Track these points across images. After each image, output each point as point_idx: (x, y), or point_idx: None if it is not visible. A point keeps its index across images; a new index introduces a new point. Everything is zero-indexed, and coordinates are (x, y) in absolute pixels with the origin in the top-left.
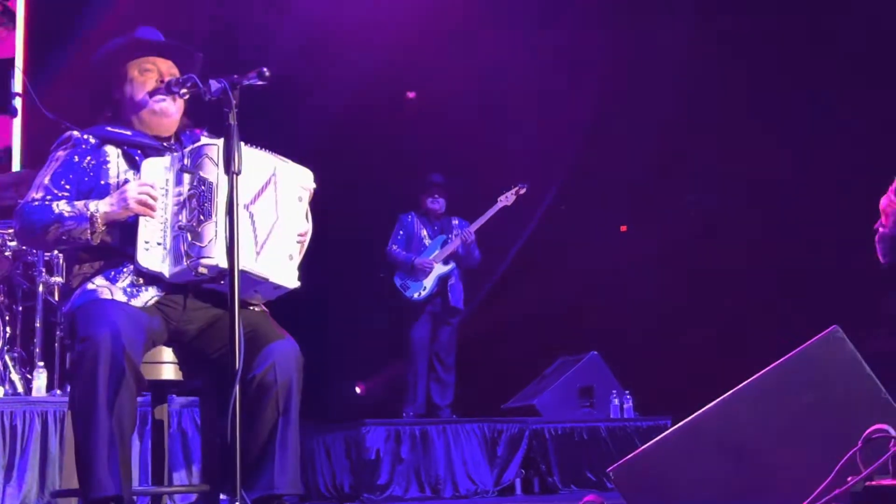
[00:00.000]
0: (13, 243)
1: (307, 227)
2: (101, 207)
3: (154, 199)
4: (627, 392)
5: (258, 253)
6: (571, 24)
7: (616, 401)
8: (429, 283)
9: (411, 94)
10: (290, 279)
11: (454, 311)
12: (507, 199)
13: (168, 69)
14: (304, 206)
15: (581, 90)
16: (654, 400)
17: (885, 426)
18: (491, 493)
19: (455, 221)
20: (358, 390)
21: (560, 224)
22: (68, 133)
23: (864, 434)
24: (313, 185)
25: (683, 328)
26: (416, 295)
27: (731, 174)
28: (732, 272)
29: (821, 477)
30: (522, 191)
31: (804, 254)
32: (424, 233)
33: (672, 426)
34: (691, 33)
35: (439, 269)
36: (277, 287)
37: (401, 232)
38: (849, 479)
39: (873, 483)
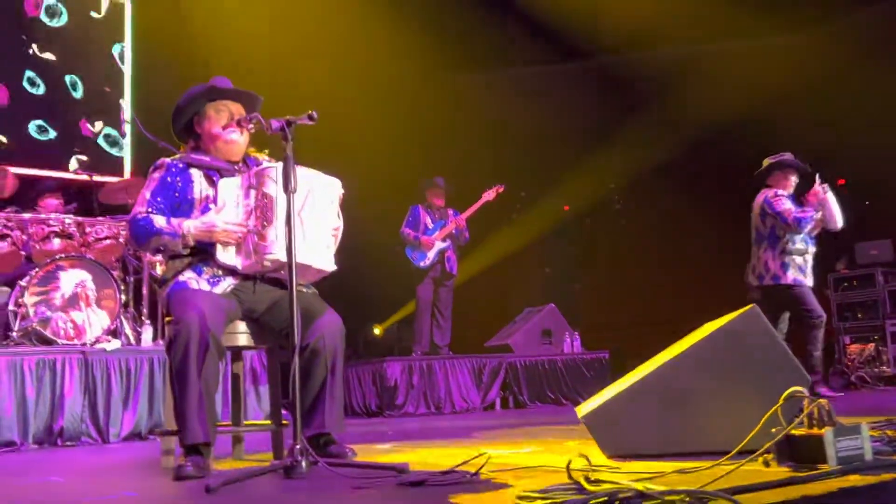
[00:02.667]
0: (125, 232)
1: (339, 223)
2: (191, 230)
3: (235, 239)
4: (577, 332)
5: (305, 247)
6: None
7: (568, 340)
8: (431, 254)
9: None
10: (328, 264)
11: (450, 275)
12: (488, 195)
13: (237, 109)
14: (335, 207)
15: None
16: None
17: (801, 388)
18: (478, 408)
19: (451, 211)
20: (377, 331)
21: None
22: (162, 160)
23: (785, 394)
24: (342, 191)
25: (618, 281)
26: (421, 264)
27: None
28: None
29: (747, 427)
30: (501, 189)
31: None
32: (428, 219)
33: (609, 358)
34: None
35: (438, 245)
36: (320, 271)
37: (410, 218)
38: (773, 430)
39: (792, 433)
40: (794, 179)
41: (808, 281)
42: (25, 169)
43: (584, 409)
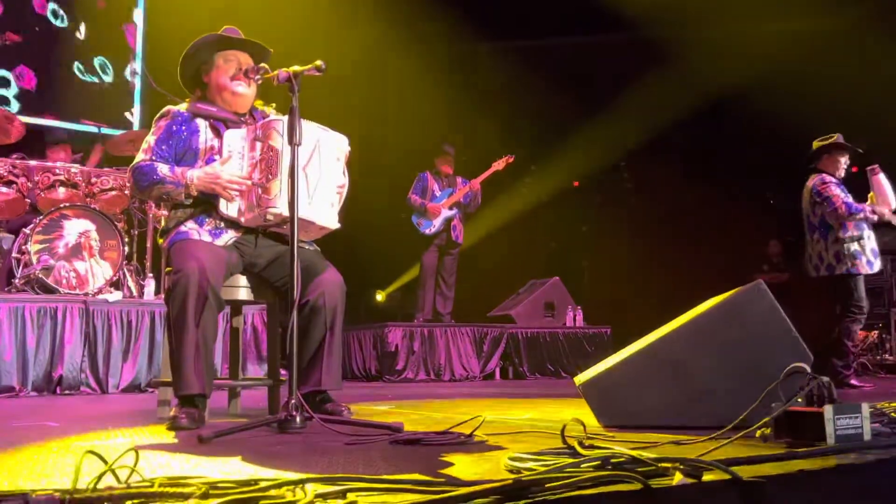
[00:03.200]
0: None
1: (344, 181)
2: (194, 179)
3: (237, 193)
4: (579, 307)
5: (309, 203)
6: None
7: (571, 313)
8: (437, 222)
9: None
10: (332, 222)
11: (455, 244)
12: (498, 164)
13: (246, 60)
14: (342, 164)
15: None
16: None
17: (802, 364)
18: (478, 377)
19: (459, 179)
20: (379, 297)
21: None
22: (168, 108)
23: (786, 370)
24: (349, 149)
25: (625, 259)
26: (427, 231)
27: None
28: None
29: (747, 401)
30: (511, 160)
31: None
32: (436, 186)
33: (611, 334)
34: None
35: (445, 212)
36: (323, 228)
37: (418, 184)
38: (773, 404)
39: (791, 409)
40: (843, 162)
41: (867, 268)
42: (33, 118)
43: (582, 378)
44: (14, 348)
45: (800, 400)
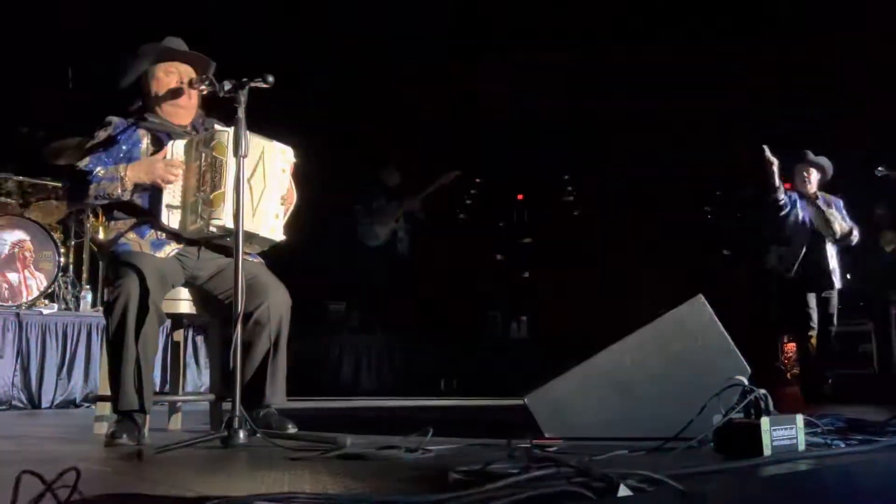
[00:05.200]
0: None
1: (290, 192)
2: (129, 172)
3: (175, 175)
4: (524, 318)
5: (253, 215)
6: None
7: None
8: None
9: None
10: (276, 234)
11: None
12: (444, 179)
13: (187, 71)
14: (287, 176)
15: None
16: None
17: (740, 377)
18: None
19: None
20: None
21: None
22: (110, 118)
23: (726, 383)
24: (294, 160)
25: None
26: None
27: None
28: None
29: (687, 413)
30: (455, 175)
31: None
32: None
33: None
34: None
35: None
36: (267, 240)
37: None
38: (713, 417)
39: (730, 419)
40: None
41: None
42: None
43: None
44: None
45: (740, 413)
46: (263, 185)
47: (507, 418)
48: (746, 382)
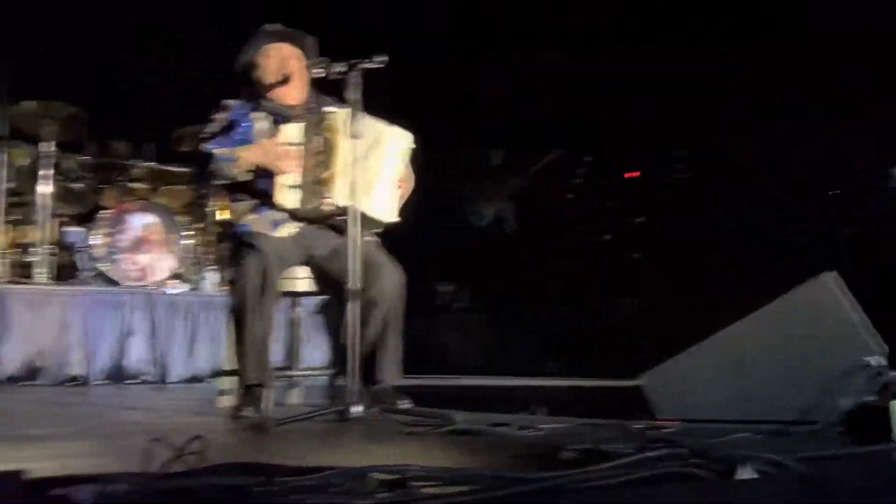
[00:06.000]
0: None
1: (407, 176)
2: (246, 155)
3: (289, 159)
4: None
5: (368, 196)
6: None
7: None
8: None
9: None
10: (391, 215)
11: None
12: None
13: (292, 52)
14: (405, 159)
15: None
16: None
17: (873, 357)
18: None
19: None
20: None
21: None
22: (225, 101)
23: (854, 365)
24: (412, 145)
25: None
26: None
27: None
28: None
29: (808, 395)
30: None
31: None
32: None
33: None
34: None
35: None
36: (383, 221)
37: None
38: (841, 399)
39: (863, 402)
40: None
41: None
42: None
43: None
44: (81, 339)
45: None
46: (379, 167)
47: (615, 399)
48: (884, 363)
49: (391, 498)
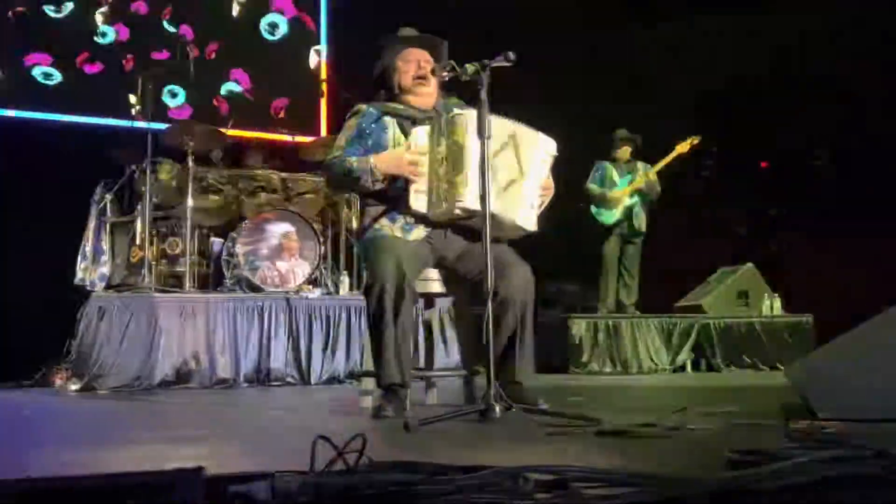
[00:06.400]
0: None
1: (550, 184)
2: (378, 163)
3: (419, 168)
4: (776, 294)
5: (500, 198)
6: None
7: (767, 302)
8: (618, 211)
9: None
10: (529, 223)
11: (638, 232)
12: (682, 147)
13: (423, 56)
14: (546, 166)
15: None
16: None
17: None
18: (667, 370)
19: (640, 164)
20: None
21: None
22: (358, 105)
23: None
24: (555, 153)
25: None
26: (608, 220)
27: None
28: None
29: None
30: (696, 142)
31: None
32: (615, 174)
33: (813, 322)
34: None
35: (626, 200)
36: (518, 227)
37: (596, 173)
38: None
39: None
40: None
41: None
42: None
43: (792, 367)
44: (228, 344)
45: None
46: (517, 170)
47: (759, 398)
48: None
49: (551, 499)
